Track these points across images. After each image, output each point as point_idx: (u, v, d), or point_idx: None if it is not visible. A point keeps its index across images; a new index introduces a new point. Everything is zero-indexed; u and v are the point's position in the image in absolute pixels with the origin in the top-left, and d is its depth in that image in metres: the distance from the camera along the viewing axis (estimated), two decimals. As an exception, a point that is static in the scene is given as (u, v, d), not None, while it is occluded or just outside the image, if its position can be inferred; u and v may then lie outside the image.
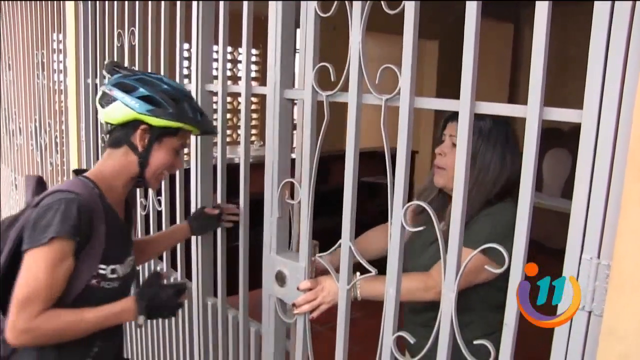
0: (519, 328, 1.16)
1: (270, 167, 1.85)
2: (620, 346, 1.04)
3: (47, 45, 3.91)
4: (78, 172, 1.73)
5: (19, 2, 4.37)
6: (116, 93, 1.66)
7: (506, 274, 1.19)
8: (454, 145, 1.69)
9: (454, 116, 1.63)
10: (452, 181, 1.31)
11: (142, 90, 1.65)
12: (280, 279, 1.82)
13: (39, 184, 1.78)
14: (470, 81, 1.22)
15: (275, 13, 1.78)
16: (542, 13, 1.12)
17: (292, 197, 1.83)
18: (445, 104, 1.36)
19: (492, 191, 1.72)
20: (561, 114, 1.14)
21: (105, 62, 1.77)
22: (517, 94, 7.39)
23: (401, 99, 1.38)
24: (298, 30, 1.78)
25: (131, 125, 1.66)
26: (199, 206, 2.28)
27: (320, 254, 1.73)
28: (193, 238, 2.32)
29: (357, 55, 1.47)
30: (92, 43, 3.12)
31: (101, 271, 1.61)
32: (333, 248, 1.67)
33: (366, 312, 4.29)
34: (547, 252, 2.22)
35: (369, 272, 1.55)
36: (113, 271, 1.65)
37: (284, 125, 1.84)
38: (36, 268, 1.48)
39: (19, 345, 1.52)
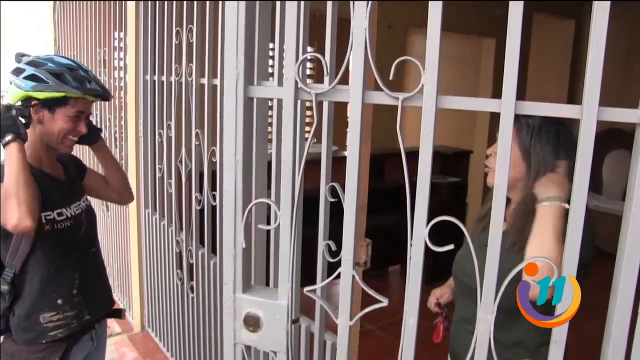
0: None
1: (232, 186, 1.39)
2: None
3: (108, 43, 4.01)
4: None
5: (79, 2, 4.48)
6: (11, 77, 1.94)
7: None
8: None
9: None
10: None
11: (27, 71, 1.91)
12: (252, 323, 1.44)
13: None
14: (512, 79, 1.07)
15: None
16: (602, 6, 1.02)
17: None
18: (477, 103, 1.13)
19: None
20: (618, 114, 1.04)
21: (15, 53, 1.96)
22: (577, 93, 7.24)
23: (424, 98, 1.11)
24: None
25: (26, 103, 1.92)
26: (254, 201, 2.30)
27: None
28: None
29: (362, 43, 1.14)
30: (151, 41, 3.21)
31: (48, 217, 1.94)
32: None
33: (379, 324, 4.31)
34: (607, 258, 2.16)
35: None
36: (60, 214, 1.99)
37: (249, 130, 1.38)
38: None
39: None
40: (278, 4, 1.91)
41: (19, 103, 1.91)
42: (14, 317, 1.94)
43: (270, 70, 2.43)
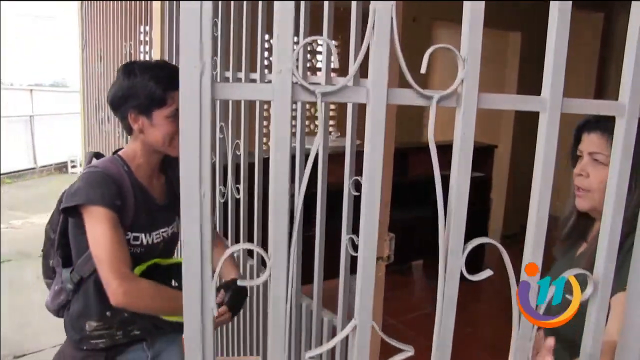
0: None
1: (195, 233, 0.95)
2: None
3: (134, 37, 4.06)
4: (115, 152, 1.96)
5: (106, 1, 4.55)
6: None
7: None
8: (596, 161, 1.48)
9: (590, 126, 1.50)
10: (601, 204, 1.08)
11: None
12: None
13: (96, 158, 1.98)
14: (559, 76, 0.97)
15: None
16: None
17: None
18: (519, 102, 1.01)
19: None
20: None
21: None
22: (605, 89, 7.16)
23: (465, 97, 0.91)
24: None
25: (123, 115, 1.86)
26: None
27: None
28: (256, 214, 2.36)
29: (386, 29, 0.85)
30: (176, 35, 3.23)
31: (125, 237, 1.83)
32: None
33: (401, 319, 4.30)
34: None
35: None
36: (135, 238, 1.88)
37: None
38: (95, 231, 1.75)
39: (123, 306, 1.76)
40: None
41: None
42: (68, 313, 1.95)
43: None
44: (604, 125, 1.43)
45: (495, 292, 3.57)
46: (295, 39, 0.79)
